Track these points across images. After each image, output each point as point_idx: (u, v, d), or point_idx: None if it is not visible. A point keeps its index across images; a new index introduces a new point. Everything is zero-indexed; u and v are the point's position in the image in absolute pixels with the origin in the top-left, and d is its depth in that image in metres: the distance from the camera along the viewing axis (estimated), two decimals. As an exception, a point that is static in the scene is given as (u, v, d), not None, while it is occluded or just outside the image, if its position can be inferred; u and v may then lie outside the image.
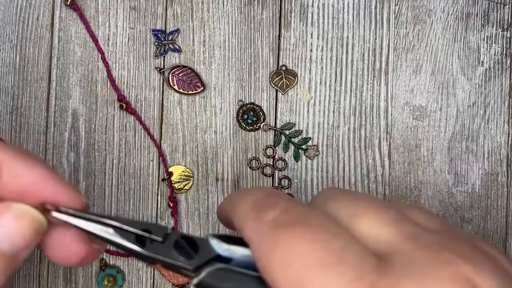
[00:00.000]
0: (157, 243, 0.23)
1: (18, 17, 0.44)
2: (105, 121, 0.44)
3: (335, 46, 0.45)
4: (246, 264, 0.22)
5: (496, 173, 0.45)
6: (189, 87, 0.44)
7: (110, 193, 0.44)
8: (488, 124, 0.45)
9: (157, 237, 0.23)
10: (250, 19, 0.45)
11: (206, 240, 0.23)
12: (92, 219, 0.24)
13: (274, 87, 0.44)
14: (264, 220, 0.21)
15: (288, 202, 0.21)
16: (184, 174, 0.44)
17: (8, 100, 0.44)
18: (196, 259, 0.23)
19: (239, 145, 0.44)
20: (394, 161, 0.45)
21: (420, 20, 0.45)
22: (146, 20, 0.44)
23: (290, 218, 0.20)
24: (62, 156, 0.44)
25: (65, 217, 0.24)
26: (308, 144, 0.44)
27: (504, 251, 0.45)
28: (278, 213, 0.20)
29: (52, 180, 0.23)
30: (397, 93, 0.45)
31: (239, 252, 0.23)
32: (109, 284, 0.43)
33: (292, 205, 0.21)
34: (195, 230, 0.44)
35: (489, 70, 0.45)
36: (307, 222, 0.20)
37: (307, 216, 0.20)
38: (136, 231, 0.23)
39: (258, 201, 0.22)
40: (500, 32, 0.45)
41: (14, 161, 0.23)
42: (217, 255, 0.23)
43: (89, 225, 0.24)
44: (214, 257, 0.23)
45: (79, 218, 0.24)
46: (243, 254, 0.23)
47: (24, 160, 0.23)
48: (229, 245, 0.23)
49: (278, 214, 0.20)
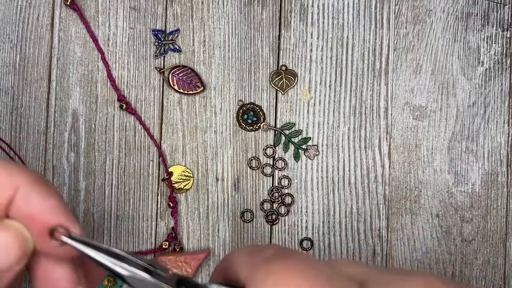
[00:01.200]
0: (162, 277, 0.24)
1: (18, 17, 0.44)
2: (105, 121, 0.44)
3: (335, 46, 0.45)
4: None
5: (496, 173, 0.45)
6: (189, 87, 0.44)
7: (110, 193, 0.44)
8: (488, 124, 0.45)
9: (162, 272, 0.24)
10: (250, 19, 0.45)
11: (206, 286, 0.24)
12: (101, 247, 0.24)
13: (274, 87, 0.44)
14: (257, 258, 0.22)
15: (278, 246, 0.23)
16: (184, 174, 0.44)
17: (8, 100, 0.44)
18: None
19: (239, 145, 0.44)
20: (394, 161, 0.45)
21: (420, 20, 0.45)
22: (146, 20, 0.44)
23: (281, 253, 0.22)
24: (62, 156, 0.44)
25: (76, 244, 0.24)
26: (308, 144, 0.44)
27: (504, 251, 0.45)
28: (271, 252, 0.22)
29: (61, 213, 0.24)
30: (397, 93, 0.45)
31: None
32: (109, 284, 0.43)
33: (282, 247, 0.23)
34: (195, 230, 0.44)
35: (489, 70, 0.45)
36: (297, 256, 0.22)
37: (297, 253, 0.23)
38: (143, 264, 0.24)
39: (252, 248, 0.24)
40: (500, 32, 0.45)
41: (30, 187, 0.23)
42: None
43: (99, 254, 0.24)
44: None
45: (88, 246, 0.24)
46: None
47: (39, 188, 0.24)
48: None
49: (271, 253, 0.22)
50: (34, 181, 0.24)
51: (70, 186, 0.44)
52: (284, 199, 0.44)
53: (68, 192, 0.44)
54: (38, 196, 0.23)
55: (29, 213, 0.23)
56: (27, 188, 0.23)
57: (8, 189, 0.23)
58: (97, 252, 0.24)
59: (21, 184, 0.23)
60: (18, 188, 0.23)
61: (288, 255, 0.22)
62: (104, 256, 0.24)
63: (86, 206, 0.44)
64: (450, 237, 0.45)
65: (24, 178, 0.23)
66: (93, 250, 0.24)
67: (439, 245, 0.45)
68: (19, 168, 0.24)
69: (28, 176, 0.24)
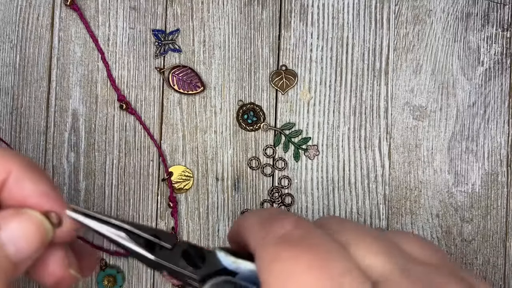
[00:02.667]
0: (165, 250, 0.24)
1: (18, 17, 0.44)
2: (105, 121, 0.44)
3: (335, 46, 0.45)
4: (251, 279, 0.23)
5: (496, 173, 0.45)
6: (189, 87, 0.44)
7: (110, 193, 0.44)
8: (488, 124, 0.45)
9: (167, 244, 0.24)
10: (250, 19, 0.45)
11: (214, 252, 0.24)
12: (104, 220, 0.24)
13: (274, 87, 0.44)
14: (268, 233, 0.21)
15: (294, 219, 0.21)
16: (184, 174, 0.44)
17: (8, 100, 0.44)
18: (202, 269, 0.23)
19: (239, 145, 0.44)
20: (394, 161, 0.45)
21: (420, 20, 0.45)
22: (146, 20, 0.44)
23: (293, 234, 0.20)
24: (62, 156, 0.44)
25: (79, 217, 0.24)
26: (308, 144, 0.44)
27: (504, 251, 0.45)
28: (284, 228, 0.21)
29: (52, 197, 0.24)
30: (397, 93, 0.45)
31: (245, 266, 0.23)
32: (109, 284, 0.43)
33: (298, 222, 0.21)
34: (195, 230, 0.44)
35: (489, 70, 0.45)
36: (310, 241, 0.20)
37: (310, 235, 0.20)
38: (147, 236, 0.24)
39: (265, 217, 0.22)
40: (500, 32, 0.45)
41: (22, 172, 0.23)
42: (224, 267, 0.23)
43: (102, 226, 0.24)
44: (221, 269, 0.23)
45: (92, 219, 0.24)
46: (249, 269, 0.23)
47: (31, 173, 0.24)
48: (236, 259, 0.23)
49: (283, 229, 0.21)
50: (26, 165, 0.24)
51: (70, 186, 0.44)
52: (284, 199, 0.44)
53: (68, 192, 0.44)
54: (30, 181, 0.24)
55: (21, 197, 0.23)
56: (19, 173, 0.23)
57: (1, 172, 0.23)
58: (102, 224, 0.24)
59: (13, 169, 0.23)
60: (10, 172, 0.23)
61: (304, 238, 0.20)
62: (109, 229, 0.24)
63: (86, 206, 0.44)
64: (450, 237, 0.45)
65: (16, 162, 0.24)
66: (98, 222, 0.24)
67: (439, 245, 0.45)
68: (11, 152, 0.24)
69: (20, 161, 0.24)
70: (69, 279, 0.25)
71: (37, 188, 0.24)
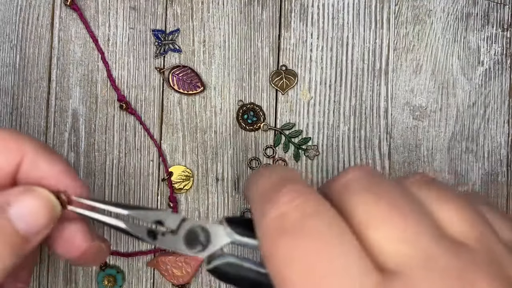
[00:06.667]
0: (169, 234, 0.24)
1: (18, 17, 0.44)
2: (105, 121, 0.44)
3: (335, 46, 0.45)
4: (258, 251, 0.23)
5: (496, 173, 0.45)
6: (189, 87, 0.44)
7: (110, 193, 0.44)
8: (488, 124, 0.45)
9: (170, 226, 0.24)
10: (250, 19, 0.45)
11: (220, 226, 0.24)
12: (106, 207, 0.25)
13: (274, 87, 0.44)
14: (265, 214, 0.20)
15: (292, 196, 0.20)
16: (184, 174, 0.44)
17: (8, 100, 0.44)
18: (208, 248, 0.24)
19: (239, 145, 0.44)
20: (394, 161, 0.45)
21: (420, 20, 0.45)
22: (146, 20, 0.44)
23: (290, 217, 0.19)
24: (62, 156, 0.44)
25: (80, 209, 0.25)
26: (308, 144, 0.44)
27: (504, 251, 0.45)
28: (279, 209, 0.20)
29: (67, 177, 0.25)
30: (397, 93, 0.45)
31: (250, 243, 0.24)
32: (109, 284, 0.43)
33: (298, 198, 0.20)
34: (195, 230, 0.44)
35: (489, 70, 0.45)
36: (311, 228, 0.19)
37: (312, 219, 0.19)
38: (148, 226, 0.24)
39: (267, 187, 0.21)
40: (500, 32, 0.45)
41: (37, 153, 0.25)
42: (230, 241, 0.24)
43: (104, 216, 0.25)
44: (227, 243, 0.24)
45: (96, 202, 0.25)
46: (254, 245, 0.24)
47: (46, 154, 0.25)
48: (241, 237, 0.24)
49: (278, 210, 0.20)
50: (41, 147, 0.25)
51: (70, 186, 0.44)
52: (284, 199, 0.44)
53: (68, 192, 0.44)
54: (45, 161, 0.25)
55: (37, 178, 0.25)
56: (34, 154, 0.24)
57: (16, 153, 0.24)
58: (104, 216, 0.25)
59: (28, 150, 0.24)
60: (25, 153, 0.24)
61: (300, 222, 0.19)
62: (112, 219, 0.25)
63: (86, 206, 0.44)
64: (450, 237, 0.45)
65: (31, 144, 0.25)
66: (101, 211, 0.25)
67: (439, 245, 0.45)
68: (25, 135, 0.25)
69: (35, 143, 0.25)
70: (95, 249, 0.26)
71: (53, 168, 0.25)
